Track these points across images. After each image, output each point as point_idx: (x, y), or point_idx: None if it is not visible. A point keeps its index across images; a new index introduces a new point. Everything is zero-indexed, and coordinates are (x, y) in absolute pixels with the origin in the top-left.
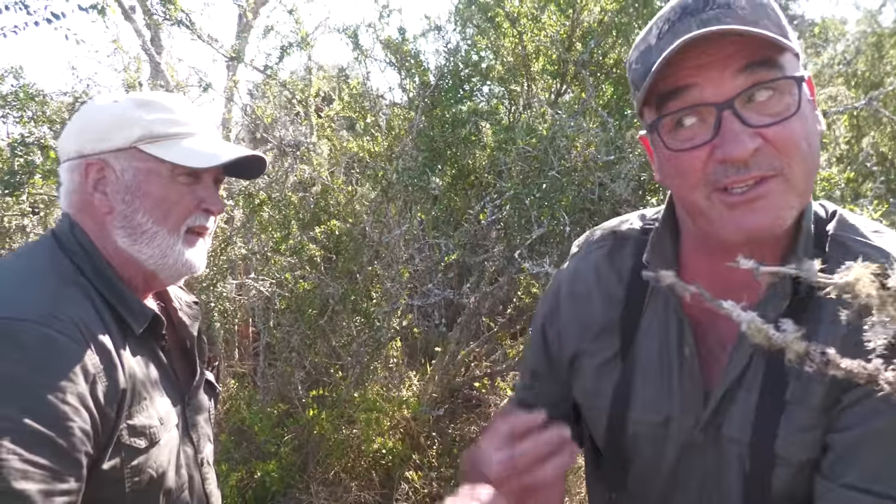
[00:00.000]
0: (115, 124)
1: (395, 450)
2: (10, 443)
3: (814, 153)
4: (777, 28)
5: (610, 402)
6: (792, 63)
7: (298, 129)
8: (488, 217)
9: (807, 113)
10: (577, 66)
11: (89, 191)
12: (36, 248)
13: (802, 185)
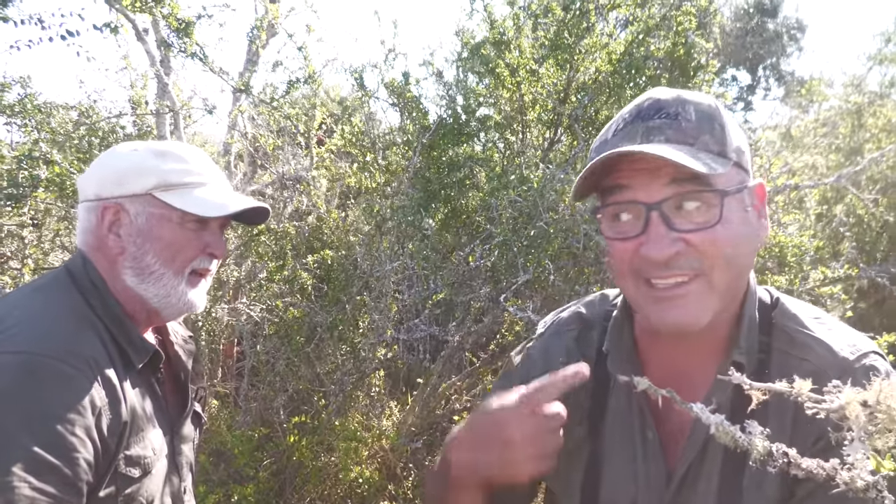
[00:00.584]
0: (133, 171)
1: (372, 479)
2: (21, 470)
3: (741, 257)
4: (716, 144)
5: (580, 486)
6: (725, 176)
7: (300, 162)
8: (477, 259)
9: (734, 220)
10: (571, 120)
11: (104, 232)
12: (52, 285)
13: (724, 287)
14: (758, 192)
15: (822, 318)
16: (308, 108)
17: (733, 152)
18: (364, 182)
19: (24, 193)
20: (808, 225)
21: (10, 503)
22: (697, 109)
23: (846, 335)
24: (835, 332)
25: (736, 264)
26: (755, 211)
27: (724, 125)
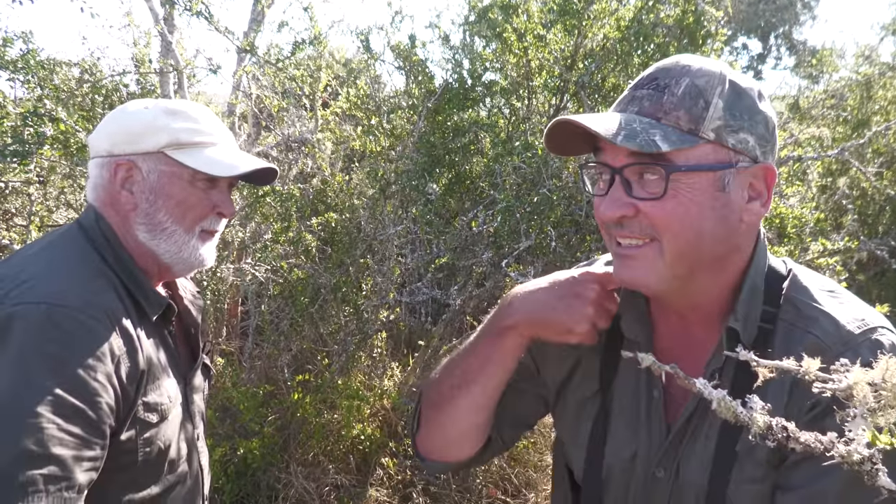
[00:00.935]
0: (145, 130)
1: (373, 437)
2: (49, 413)
3: (698, 233)
4: (690, 122)
5: (588, 437)
6: (689, 154)
7: (305, 124)
8: (480, 225)
9: (688, 197)
10: (577, 87)
11: (117, 188)
12: (65, 239)
13: (676, 258)
14: (760, 175)
15: (835, 291)
16: (313, 70)
17: (711, 131)
18: (369, 145)
19: (30, 150)
20: (809, 197)
21: (40, 443)
22: (690, 84)
23: (856, 309)
24: (845, 306)
25: (691, 239)
26: (745, 192)
27: (712, 104)
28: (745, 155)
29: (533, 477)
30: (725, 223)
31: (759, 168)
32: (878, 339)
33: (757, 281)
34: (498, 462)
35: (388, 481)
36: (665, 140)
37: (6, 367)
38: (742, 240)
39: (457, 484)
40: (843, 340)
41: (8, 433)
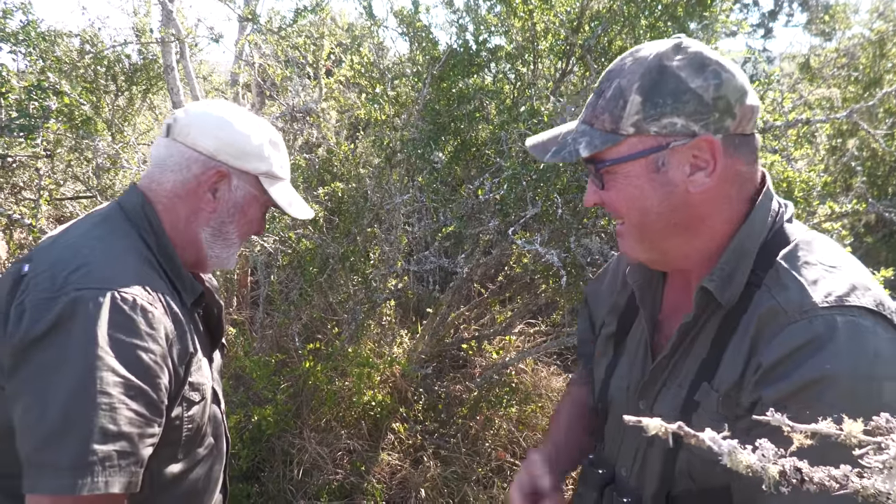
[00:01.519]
0: (253, 153)
1: (384, 403)
2: (120, 393)
3: (645, 212)
4: (612, 122)
5: (605, 368)
6: (618, 149)
7: (309, 93)
8: (486, 193)
9: (626, 185)
10: (583, 50)
11: (204, 188)
12: (110, 223)
13: (641, 234)
14: (704, 146)
15: (836, 266)
16: (316, 38)
17: (630, 126)
18: (373, 114)
19: (36, 124)
20: (818, 160)
21: (114, 421)
22: (617, 86)
23: (841, 285)
24: (828, 280)
25: (639, 217)
26: (686, 167)
27: (629, 101)
28: (677, 135)
29: (541, 440)
30: (672, 198)
31: (698, 141)
32: (837, 317)
33: (746, 244)
34: (507, 426)
35: (398, 445)
36: (588, 146)
37: (76, 349)
38: (706, 208)
39: (466, 448)
40: (802, 309)
41: (83, 413)
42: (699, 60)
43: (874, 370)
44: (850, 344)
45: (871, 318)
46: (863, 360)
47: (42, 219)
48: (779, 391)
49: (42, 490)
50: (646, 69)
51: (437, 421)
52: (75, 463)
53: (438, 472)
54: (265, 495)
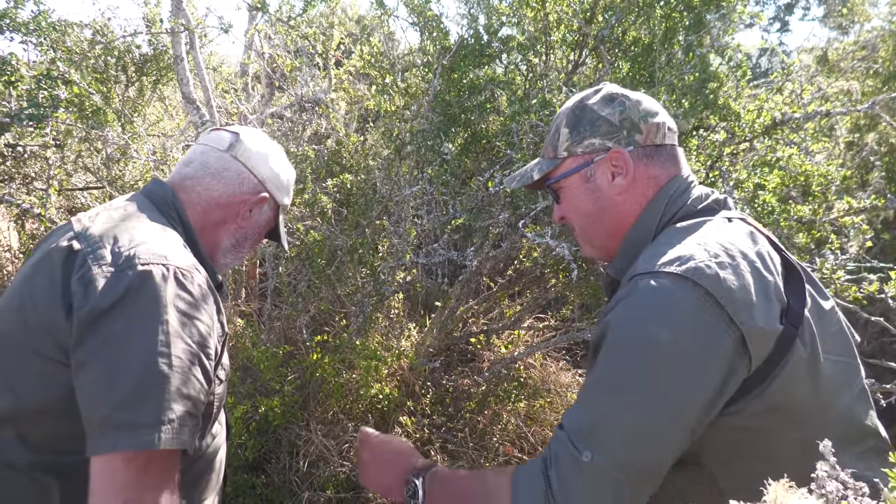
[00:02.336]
0: (285, 188)
1: (391, 396)
2: (188, 359)
3: (591, 215)
4: (552, 150)
5: None
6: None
7: (318, 84)
8: (496, 185)
9: (572, 196)
10: (597, 41)
11: (246, 207)
12: (144, 209)
13: (585, 237)
14: (618, 157)
15: (683, 241)
16: (326, 28)
17: (564, 150)
18: (383, 105)
19: (45, 114)
20: (836, 154)
21: (185, 384)
22: (555, 125)
23: (668, 256)
24: (662, 253)
25: (583, 220)
26: (608, 174)
27: (561, 133)
28: (597, 152)
29: (549, 436)
30: (601, 201)
31: (612, 153)
32: (646, 280)
33: (637, 236)
34: (514, 421)
35: (406, 439)
36: (539, 171)
37: (147, 318)
38: (626, 207)
39: (474, 442)
40: (630, 276)
41: (161, 376)
42: (609, 96)
43: (639, 324)
44: (637, 299)
45: (676, 281)
46: (636, 314)
47: (52, 209)
48: (595, 333)
49: (120, 447)
50: (571, 108)
51: (445, 415)
52: (155, 419)
53: (446, 466)
54: (271, 486)
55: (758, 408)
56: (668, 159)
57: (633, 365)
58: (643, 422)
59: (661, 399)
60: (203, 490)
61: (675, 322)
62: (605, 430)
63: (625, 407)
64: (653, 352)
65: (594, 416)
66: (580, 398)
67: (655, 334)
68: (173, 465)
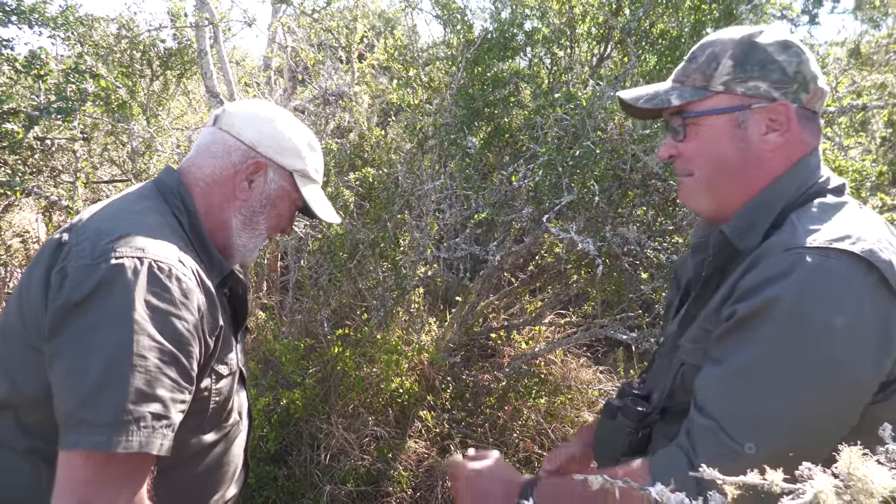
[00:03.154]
0: (291, 150)
1: (412, 390)
2: (155, 357)
3: (719, 164)
4: (703, 80)
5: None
6: (703, 104)
7: (341, 77)
8: (520, 179)
9: (708, 137)
10: (623, 34)
11: (241, 177)
12: (147, 200)
13: (707, 186)
14: (779, 110)
15: (843, 219)
16: (349, 21)
17: (720, 84)
18: (406, 98)
19: (73, 107)
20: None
21: (149, 384)
22: (710, 52)
23: (836, 232)
24: (827, 228)
25: (714, 168)
26: (762, 126)
27: (721, 63)
28: (759, 98)
29: (569, 432)
30: (746, 153)
31: (777, 105)
32: (814, 256)
33: (770, 199)
34: (535, 417)
35: (426, 433)
36: (679, 97)
37: (116, 312)
38: (768, 166)
39: (494, 438)
40: (787, 247)
41: (122, 374)
42: (784, 42)
43: (816, 305)
44: (810, 278)
45: (851, 261)
46: (809, 293)
47: (79, 201)
48: (748, 307)
49: (79, 445)
50: (738, 41)
51: (465, 410)
52: (111, 420)
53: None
54: (292, 479)
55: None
56: (817, 130)
57: (806, 352)
58: (812, 412)
59: (833, 389)
60: (216, 483)
61: (853, 309)
62: (772, 420)
63: (794, 396)
64: (828, 339)
65: (758, 404)
66: (730, 381)
67: (831, 321)
68: (139, 466)
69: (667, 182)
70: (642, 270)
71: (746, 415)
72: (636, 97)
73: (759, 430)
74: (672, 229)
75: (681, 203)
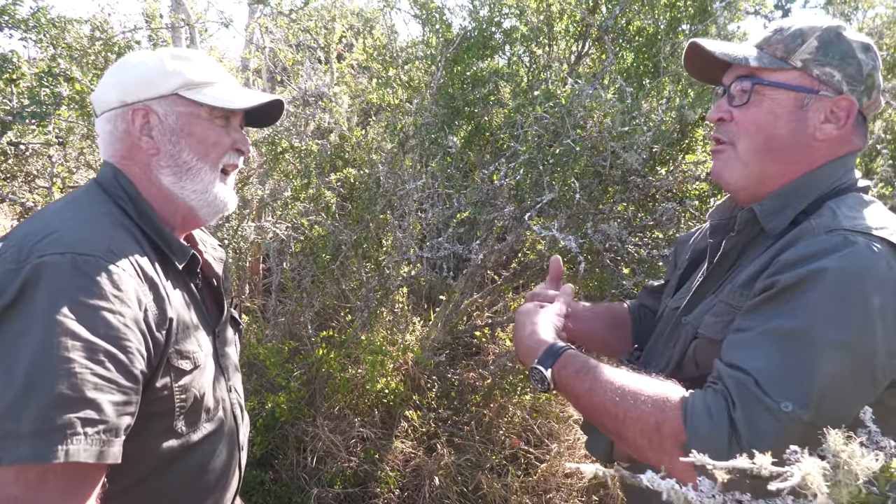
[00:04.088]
0: (155, 74)
1: (397, 390)
2: (83, 358)
3: (770, 139)
4: (784, 51)
5: (667, 297)
6: (777, 75)
7: (320, 77)
8: (501, 178)
9: (770, 108)
10: (600, 32)
11: (136, 135)
12: (85, 196)
13: (749, 158)
14: (842, 104)
15: (877, 212)
16: (327, 21)
17: (799, 61)
18: (386, 98)
19: (47, 111)
20: None
21: (74, 387)
22: (797, 29)
23: (875, 221)
24: (864, 216)
25: (762, 142)
26: (823, 114)
27: (806, 42)
28: (829, 86)
29: (555, 428)
30: (798, 135)
31: (842, 98)
32: (855, 237)
33: (807, 187)
34: (521, 414)
35: (412, 433)
36: (757, 60)
37: (38, 316)
38: (814, 153)
39: (480, 435)
40: (829, 228)
41: (43, 380)
42: (867, 45)
43: (861, 280)
44: (854, 255)
45: (889, 248)
46: (856, 268)
47: None
48: (791, 277)
49: (3, 461)
50: (827, 28)
51: (451, 408)
52: (33, 430)
53: (452, 459)
54: (279, 482)
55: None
56: (864, 134)
57: (847, 321)
58: (846, 378)
59: (868, 358)
60: (207, 488)
61: (890, 291)
62: (808, 381)
63: (831, 361)
64: (868, 312)
65: (795, 364)
66: (771, 342)
67: (871, 296)
68: (79, 478)
69: (646, 178)
70: (624, 266)
71: (785, 374)
72: (714, 49)
73: (796, 390)
74: (652, 224)
75: (660, 198)
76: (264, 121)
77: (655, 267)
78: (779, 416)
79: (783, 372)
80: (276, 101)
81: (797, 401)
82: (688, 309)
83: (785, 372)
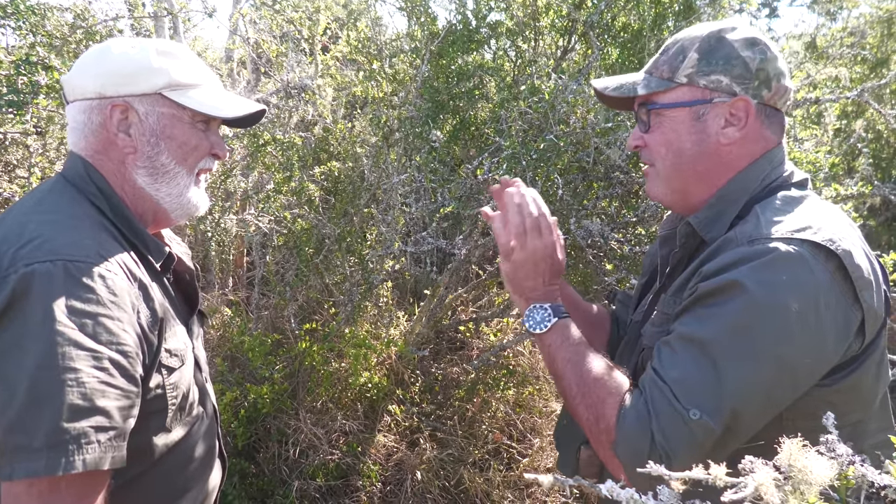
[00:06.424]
0: (139, 70)
1: (381, 385)
2: (88, 367)
3: (680, 155)
4: (669, 71)
5: (631, 309)
6: (668, 95)
7: (304, 69)
8: (485, 173)
9: (670, 128)
10: (586, 27)
11: (113, 131)
12: (55, 194)
13: (667, 176)
14: (739, 105)
15: (805, 210)
16: (311, 12)
17: (684, 76)
18: (371, 91)
19: (25, 100)
20: (825, 140)
21: (84, 397)
22: (679, 46)
23: (799, 223)
24: (789, 219)
25: (674, 159)
26: (721, 120)
27: (687, 56)
28: (720, 91)
29: (538, 423)
30: (703, 145)
31: (737, 100)
32: (776, 244)
33: (734, 192)
34: (504, 409)
35: (395, 427)
36: (645, 87)
37: (36, 328)
38: (727, 157)
39: (463, 430)
40: (750, 238)
41: (51, 391)
42: (752, 39)
43: (777, 289)
44: (771, 264)
45: (812, 249)
46: (772, 277)
47: None
48: (708, 286)
49: (16, 475)
50: (707, 36)
51: (434, 403)
52: (48, 443)
53: (434, 454)
54: (260, 475)
55: (844, 385)
56: (779, 126)
57: (761, 332)
58: (758, 387)
59: (782, 368)
60: (192, 478)
61: (810, 295)
62: (717, 392)
63: (741, 372)
64: (784, 321)
65: (705, 375)
66: (684, 349)
67: (789, 304)
68: (90, 485)
69: (629, 174)
70: (607, 262)
71: (695, 383)
72: (605, 86)
73: (705, 398)
74: (635, 221)
75: (644, 194)
76: (244, 123)
77: (638, 263)
78: (688, 422)
79: (694, 382)
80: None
81: (706, 409)
82: (644, 322)
83: (696, 382)
